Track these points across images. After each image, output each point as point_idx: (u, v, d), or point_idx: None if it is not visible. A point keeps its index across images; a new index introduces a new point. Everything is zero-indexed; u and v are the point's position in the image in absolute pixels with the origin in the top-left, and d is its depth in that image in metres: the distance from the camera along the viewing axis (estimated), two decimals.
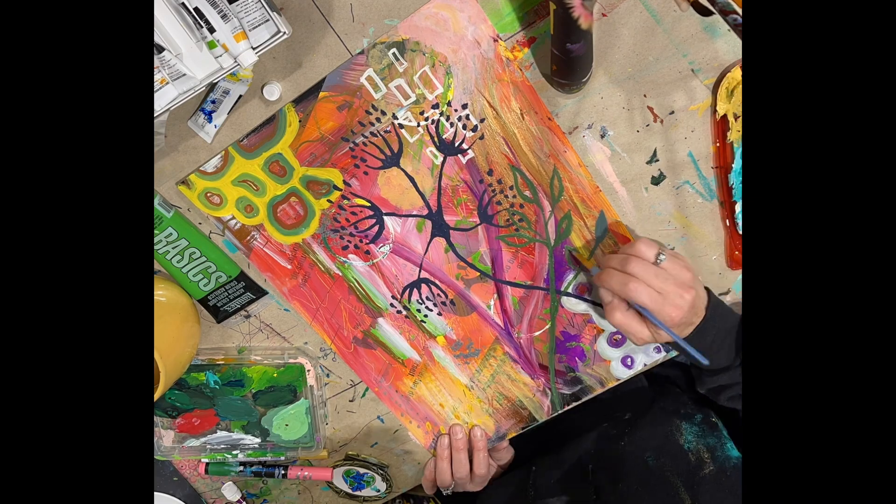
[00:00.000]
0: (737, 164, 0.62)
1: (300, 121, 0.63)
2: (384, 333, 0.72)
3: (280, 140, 0.63)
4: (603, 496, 0.67)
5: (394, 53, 0.60)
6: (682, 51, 0.59)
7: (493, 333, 0.71)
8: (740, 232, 0.65)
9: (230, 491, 0.79)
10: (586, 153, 0.64)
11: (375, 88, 0.62)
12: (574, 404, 0.73)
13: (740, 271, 0.68)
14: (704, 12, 0.57)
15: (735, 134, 0.61)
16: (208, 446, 0.77)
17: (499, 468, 0.79)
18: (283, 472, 0.79)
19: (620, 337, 0.70)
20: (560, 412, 0.74)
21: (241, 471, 0.79)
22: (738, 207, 0.64)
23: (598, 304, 0.69)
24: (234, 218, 0.67)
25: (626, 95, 0.61)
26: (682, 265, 0.60)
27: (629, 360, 0.71)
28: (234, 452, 0.77)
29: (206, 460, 0.79)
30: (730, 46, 0.59)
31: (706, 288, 0.64)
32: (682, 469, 0.66)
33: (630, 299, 0.59)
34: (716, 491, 0.63)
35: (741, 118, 0.60)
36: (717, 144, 0.63)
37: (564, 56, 0.55)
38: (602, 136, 0.63)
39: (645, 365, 0.71)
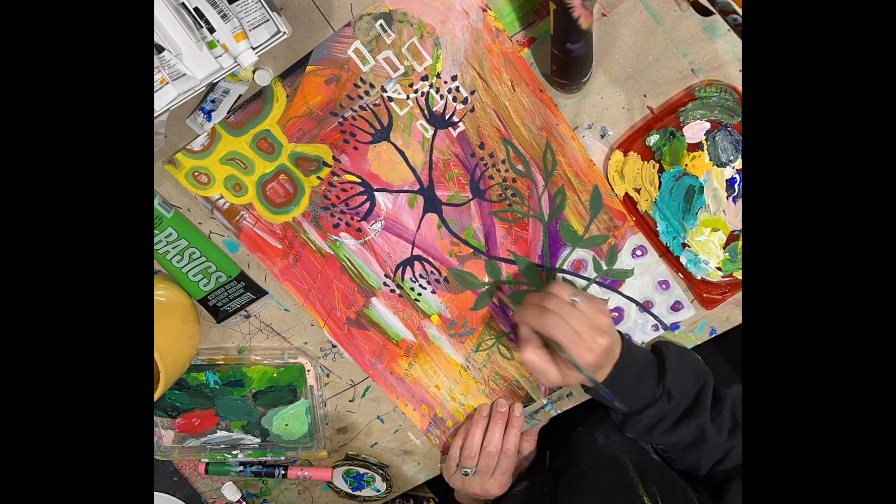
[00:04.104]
0: (661, 227, 0.64)
1: (287, 96, 0.62)
2: (378, 313, 0.71)
3: (267, 116, 0.63)
4: (561, 480, 0.67)
5: (381, 25, 0.59)
6: (682, 51, 0.59)
7: (487, 311, 0.70)
8: (699, 277, 0.66)
9: (230, 491, 0.79)
10: (586, 153, 0.64)
11: (363, 61, 0.61)
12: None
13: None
14: (704, 12, 0.57)
15: (645, 204, 0.63)
16: (208, 446, 0.77)
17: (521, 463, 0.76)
18: (283, 472, 0.79)
19: (618, 315, 0.69)
20: (559, 391, 0.73)
21: (241, 471, 0.79)
22: (684, 259, 0.65)
23: (594, 282, 0.68)
24: (222, 197, 0.66)
25: (626, 95, 0.61)
26: (598, 309, 0.60)
27: (626, 338, 0.70)
28: (234, 452, 0.77)
29: (206, 460, 0.79)
30: (730, 46, 0.59)
31: (618, 332, 0.63)
32: (631, 448, 0.66)
33: (546, 332, 0.58)
34: (662, 473, 0.63)
35: (643, 188, 0.63)
36: (634, 218, 0.65)
37: (564, 56, 0.55)
38: (602, 136, 0.63)
39: (643, 343, 0.70)
